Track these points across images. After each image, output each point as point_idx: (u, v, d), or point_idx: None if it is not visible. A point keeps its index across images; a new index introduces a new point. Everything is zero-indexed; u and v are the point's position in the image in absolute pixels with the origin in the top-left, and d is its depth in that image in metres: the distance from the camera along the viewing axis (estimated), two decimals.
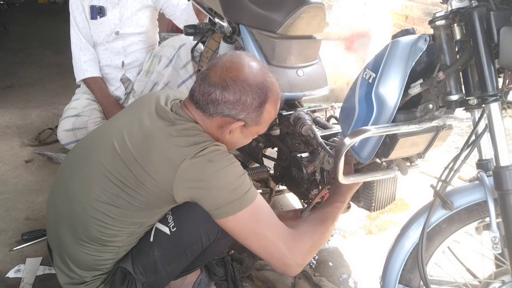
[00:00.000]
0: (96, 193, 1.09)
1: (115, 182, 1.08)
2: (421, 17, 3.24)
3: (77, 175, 1.15)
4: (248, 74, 1.09)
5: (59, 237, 1.18)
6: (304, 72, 1.70)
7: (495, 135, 0.98)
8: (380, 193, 1.41)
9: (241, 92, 1.07)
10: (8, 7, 5.84)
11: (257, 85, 1.09)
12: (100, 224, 1.11)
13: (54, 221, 1.20)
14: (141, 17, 2.25)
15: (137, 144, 1.08)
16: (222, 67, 1.09)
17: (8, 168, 2.21)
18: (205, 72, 1.12)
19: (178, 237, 1.16)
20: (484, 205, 1.02)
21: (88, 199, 1.10)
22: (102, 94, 2.27)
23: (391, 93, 1.09)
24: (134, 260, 1.18)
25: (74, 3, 2.18)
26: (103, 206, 1.09)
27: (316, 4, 1.58)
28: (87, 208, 1.11)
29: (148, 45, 2.35)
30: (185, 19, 2.20)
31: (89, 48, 2.24)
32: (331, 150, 1.40)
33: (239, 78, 1.08)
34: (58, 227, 1.17)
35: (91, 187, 1.11)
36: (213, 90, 1.08)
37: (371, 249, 1.79)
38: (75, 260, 1.16)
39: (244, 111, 1.09)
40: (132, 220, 1.12)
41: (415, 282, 1.11)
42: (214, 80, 1.08)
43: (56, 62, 3.72)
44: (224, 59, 1.13)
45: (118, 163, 1.08)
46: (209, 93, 1.08)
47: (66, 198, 1.16)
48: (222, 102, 1.08)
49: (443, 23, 1.02)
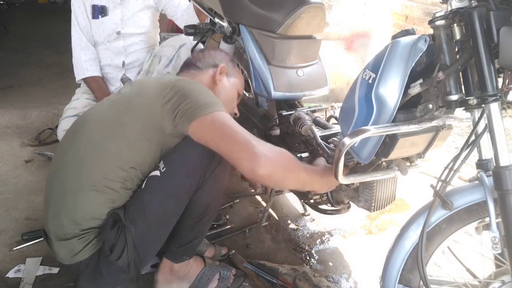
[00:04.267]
0: (96, 135, 1.24)
1: (111, 121, 1.24)
2: (421, 17, 3.23)
3: (79, 134, 1.28)
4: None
5: (60, 191, 1.22)
6: (304, 72, 1.70)
7: (495, 135, 0.98)
8: (380, 193, 1.41)
9: (216, 51, 1.58)
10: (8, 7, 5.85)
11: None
12: (101, 169, 1.19)
13: (58, 176, 1.25)
14: (143, 17, 2.25)
15: (129, 94, 1.30)
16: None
17: (8, 168, 2.21)
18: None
19: (166, 178, 1.20)
20: (484, 205, 1.02)
21: (90, 146, 1.23)
22: (102, 93, 2.27)
23: (391, 94, 1.09)
24: (126, 209, 1.22)
25: (76, 1, 2.18)
26: (103, 143, 1.22)
27: (316, 4, 1.58)
28: (90, 155, 1.21)
29: (149, 45, 2.35)
30: (186, 19, 2.21)
31: (90, 47, 2.24)
32: (330, 150, 1.40)
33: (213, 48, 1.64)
34: (63, 178, 1.23)
35: (92, 137, 1.24)
36: (199, 55, 1.53)
37: (371, 249, 1.79)
38: (70, 210, 1.20)
39: (223, 60, 1.52)
40: (129, 159, 1.21)
41: (415, 282, 1.11)
42: (197, 53, 1.57)
43: (56, 62, 3.72)
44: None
45: (113, 109, 1.27)
46: (197, 57, 1.53)
47: (70, 152, 1.25)
48: (206, 55, 1.52)
49: (443, 23, 1.02)
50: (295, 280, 1.55)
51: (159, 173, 1.21)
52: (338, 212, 1.49)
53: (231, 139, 1.14)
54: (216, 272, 1.50)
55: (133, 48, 2.28)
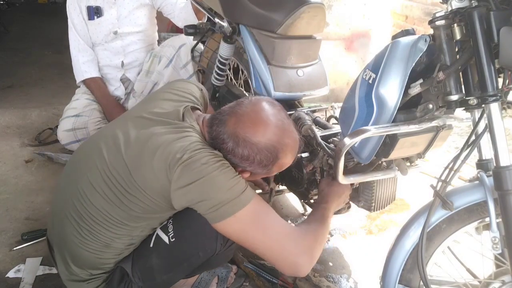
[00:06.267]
0: (98, 198, 1.10)
1: (116, 188, 1.08)
2: (421, 17, 3.23)
3: (82, 176, 1.15)
4: (262, 135, 1.08)
5: (63, 235, 1.17)
6: (304, 72, 1.70)
7: (495, 135, 0.98)
8: (380, 193, 1.41)
9: (249, 152, 1.08)
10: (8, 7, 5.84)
11: (269, 148, 1.08)
12: (103, 226, 1.11)
13: (59, 219, 1.19)
14: (139, 15, 2.24)
15: (136, 149, 1.08)
16: (240, 119, 1.09)
17: (8, 168, 2.21)
18: (225, 114, 1.12)
19: (176, 249, 1.15)
20: (484, 205, 1.02)
21: (91, 204, 1.11)
22: (101, 94, 2.27)
23: (391, 94, 1.09)
24: (134, 262, 1.19)
25: (71, 4, 2.18)
26: (106, 209, 1.10)
27: (316, 4, 1.58)
28: (90, 211, 1.11)
29: (147, 44, 2.34)
30: (184, 17, 2.19)
31: (87, 49, 2.24)
32: (330, 150, 1.40)
33: (252, 140, 1.07)
34: (63, 225, 1.17)
35: (93, 192, 1.11)
36: (226, 141, 1.09)
37: (371, 249, 1.79)
38: (77, 258, 1.16)
39: (251, 167, 1.11)
40: (134, 224, 1.13)
41: (415, 282, 1.11)
42: (230, 130, 1.09)
43: (56, 62, 3.72)
44: (245, 108, 1.11)
45: (118, 169, 1.08)
46: (222, 141, 1.09)
47: (71, 198, 1.15)
48: (232, 154, 1.09)
49: (443, 23, 1.02)
50: (295, 280, 1.55)
51: (168, 241, 1.14)
52: (338, 212, 1.48)
53: (265, 246, 1.05)
54: (214, 276, 1.50)
55: (132, 48, 2.28)
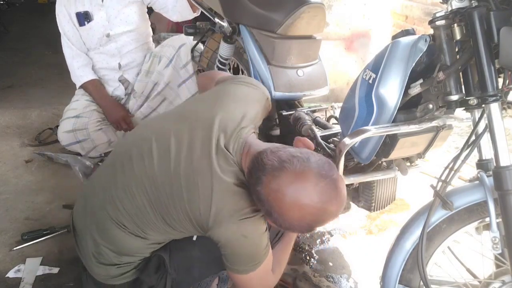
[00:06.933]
0: (141, 199, 1.10)
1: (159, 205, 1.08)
2: (421, 17, 3.23)
3: (129, 170, 1.13)
4: (298, 220, 0.99)
5: (98, 218, 1.15)
6: (304, 72, 1.70)
7: (495, 135, 0.99)
8: (380, 193, 1.42)
9: (281, 223, 1.02)
10: (8, 7, 5.83)
11: (302, 227, 1.03)
12: (146, 225, 1.11)
13: (98, 201, 1.16)
14: (129, 13, 2.20)
15: (186, 174, 1.06)
16: (278, 195, 0.97)
17: (8, 168, 2.20)
18: (266, 171, 0.99)
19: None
20: (484, 205, 1.02)
21: (135, 204, 1.11)
22: (99, 95, 2.26)
23: (391, 94, 1.09)
24: (172, 253, 1.18)
25: (61, 12, 2.16)
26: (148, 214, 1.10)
27: (316, 4, 1.58)
28: (132, 210, 1.11)
29: (142, 42, 2.31)
30: (179, 11, 2.15)
31: (80, 54, 2.23)
32: (330, 150, 1.40)
33: (288, 214, 0.99)
34: (103, 207, 1.14)
35: (132, 198, 1.10)
36: (261, 201, 1.01)
37: (371, 249, 1.79)
38: (112, 243, 1.14)
39: (282, 227, 1.07)
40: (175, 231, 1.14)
41: (415, 282, 1.11)
42: (266, 198, 0.99)
43: (56, 62, 3.71)
44: (289, 184, 0.97)
45: (165, 185, 1.07)
46: (259, 198, 1.01)
47: (114, 189, 1.14)
48: (266, 213, 1.03)
49: (443, 23, 1.02)
50: (295, 280, 1.55)
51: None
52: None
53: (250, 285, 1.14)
54: (215, 277, 1.50)
55: (126, 49, 2.26)
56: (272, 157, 1.00)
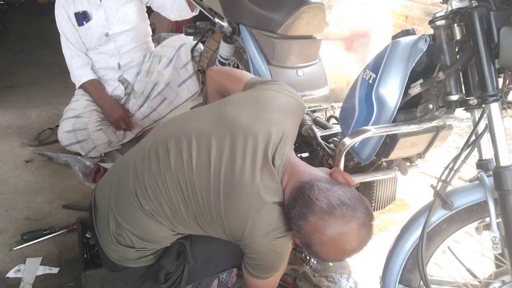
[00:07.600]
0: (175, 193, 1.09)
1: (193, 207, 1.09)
2: (421, 17, 3.23)
3: (164, 163, 1.11)
4: (338, 252, 1.03)
5: (129, 206, 1.13)
6: (304, 72, 1.71)
7: (495, 135, 0.98)
8: (380, 193, 1.42)
9: (317, 256, 1.04)
10: (8, 7, 5.83)
11: (335, 259, 1.23)
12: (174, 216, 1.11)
13: (130, 188, 1.13)
14: (127, 12, 2.20)
15: (225, 182, 1.06)
16: (329, 228, 0.98)
17: (8, 168, 2.20)
18: (321, 212, 0.99)
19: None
20: (484, 205, 1.02)
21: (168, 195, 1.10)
22: (99, 95, 2.26)
23: (391, 94, 1.09)
24: (193, 243, 1.19)
25: (60, 13, 2.16)
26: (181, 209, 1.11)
27: (316, 4, 1.58)
28: (163, 201, 1.10)
29: (141, 42, 2.31)
30: (177, 9, 2.15)
31: (80, 54, 2.23)
32: (330, 150, 1.40)
33: (327, 253, 1.03)
34: (137, 194, 1.12)
35: (166, 191, 1.10)
36: (303, 235, 1.02)
37: (371, 249, 1.78)
38: (141, 230, 1.13)
39: (312, 256, 1.18)
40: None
41: (415, 282, 1.11)
42: (306, 236, 1.01)
43: (56, 62, 3.70)
44: (340, 219, 0.98)
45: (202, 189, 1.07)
46: (299, 230, 1.02)
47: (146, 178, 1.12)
48: (302, 244, 1.06)
49: (443, 23, 1.02)
50: (295, 280, 1.55)
51: None
52: None
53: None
54: (215, 277, 1.49)
55: (126, 49, 2.26)
56: (321, 198, 1.00)
